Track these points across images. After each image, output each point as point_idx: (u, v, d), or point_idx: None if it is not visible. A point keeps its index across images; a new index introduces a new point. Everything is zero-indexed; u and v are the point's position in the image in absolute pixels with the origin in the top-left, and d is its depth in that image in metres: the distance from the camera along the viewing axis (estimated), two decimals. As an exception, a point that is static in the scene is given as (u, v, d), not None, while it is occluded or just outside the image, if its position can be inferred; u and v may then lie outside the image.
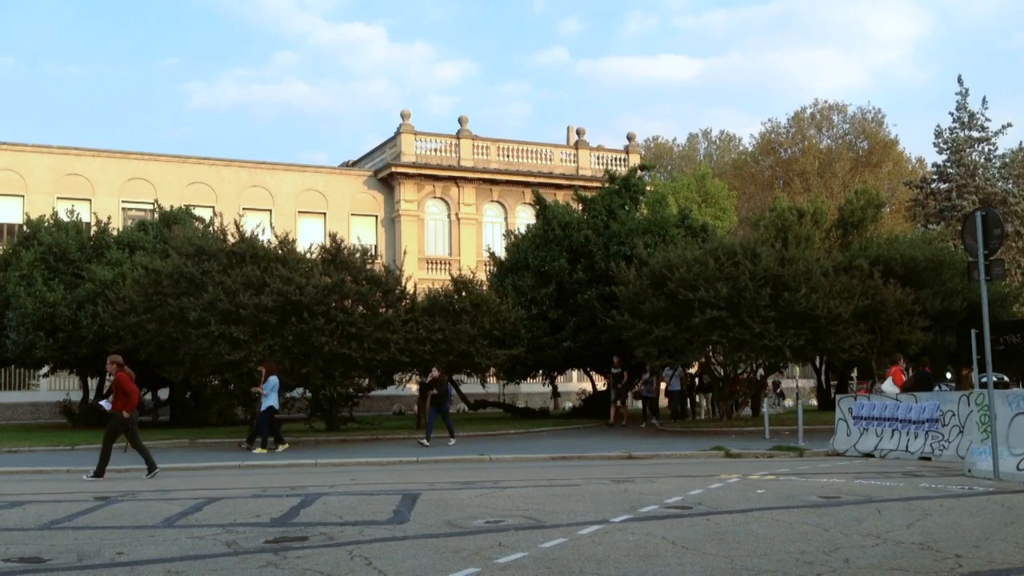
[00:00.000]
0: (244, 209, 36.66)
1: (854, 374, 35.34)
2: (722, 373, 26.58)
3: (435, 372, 21.95)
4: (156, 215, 30.60)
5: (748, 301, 22.60)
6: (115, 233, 28.53)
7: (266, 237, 24.64)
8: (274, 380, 19.84)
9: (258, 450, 19.25)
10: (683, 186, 54.64)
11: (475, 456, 18.18)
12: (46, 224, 27.64)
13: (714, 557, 7.48)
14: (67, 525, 9.46)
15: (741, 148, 72.65)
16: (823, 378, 33.62)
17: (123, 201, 37.74)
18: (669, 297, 23.18)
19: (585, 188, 36.18)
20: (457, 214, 42.69)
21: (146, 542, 8.41)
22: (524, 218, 40.49)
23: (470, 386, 30.39)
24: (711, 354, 25.77)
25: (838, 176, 63.88)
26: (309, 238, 32.29)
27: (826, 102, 68.33)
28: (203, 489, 12.61)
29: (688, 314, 22.80)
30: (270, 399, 19.67)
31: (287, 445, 19.58)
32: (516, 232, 31.90)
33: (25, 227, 29.00)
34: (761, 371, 27.13)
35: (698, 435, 22.83)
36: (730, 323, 22.60)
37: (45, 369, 28.04)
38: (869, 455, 17.08)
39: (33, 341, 23.62)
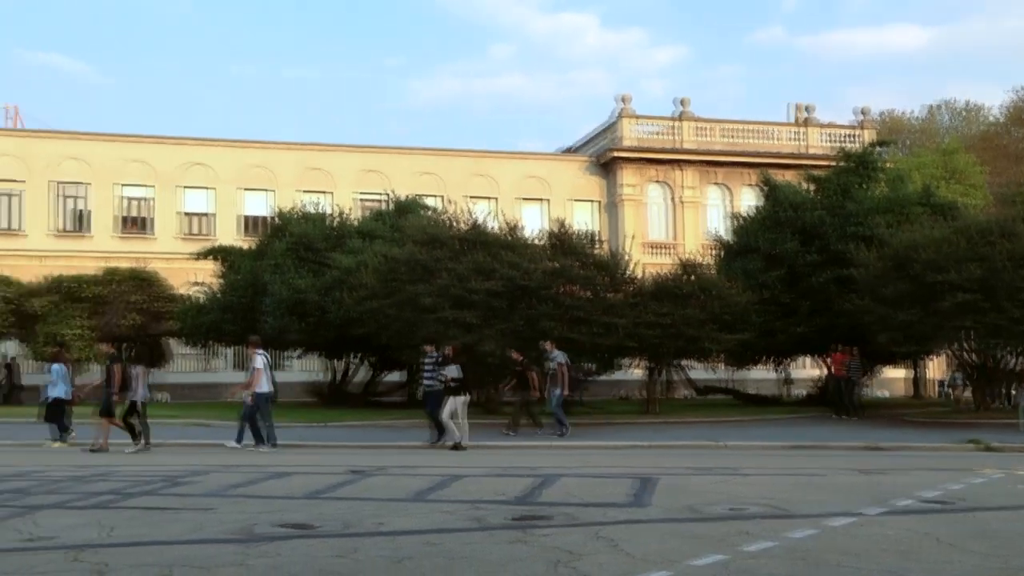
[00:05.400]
0: (469, 197, 37.80)
1: None
2: (977, 362, 24.67)
3: (514, 355, 19.99)
4: (390, 205, 32.10)
5: (1005, 284, 20.82)
6: (354, 223, 30.18)
7: (492, 224, 25.27)
8: (59, 368, 18.16)
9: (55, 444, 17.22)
10: (927, 162, 51.06)
11: (708, 442, 17.86)
12: (295, 216, 29.66)
13: (984, 556, 6.95)
14: (329, 496, 10.12)
15: (990, 119, 66.95)
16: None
17: (360, 192, 39.81)
18: (913, 279, 21.76)
19: (815, 167, 34.60)
20: (680, 198, 42.09)
21: (401, 514, 8.85)
22: (748, 200, 39.30)
23: (698, 371, 29.93)
24: (963, 340, 23.97)
25: (1105, 145, 57.58)
26: (531, 224, 32.81)
27: (1090, 63, 61.72)
28: (446, 467, 13.13)
29: (935, 298, 21.31)
30: (56, 388, 17.74)
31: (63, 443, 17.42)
32: (743, 214, 31.00)
33: (276, 219, 31.26)
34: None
35: (947, 427, 21.34)
36: (984, 307, 20.91)
37: (298, 352, 30.16)
38: None
39: (287, 325, 25.45)
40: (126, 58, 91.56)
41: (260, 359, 16.77)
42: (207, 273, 34.41)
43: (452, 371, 16.87)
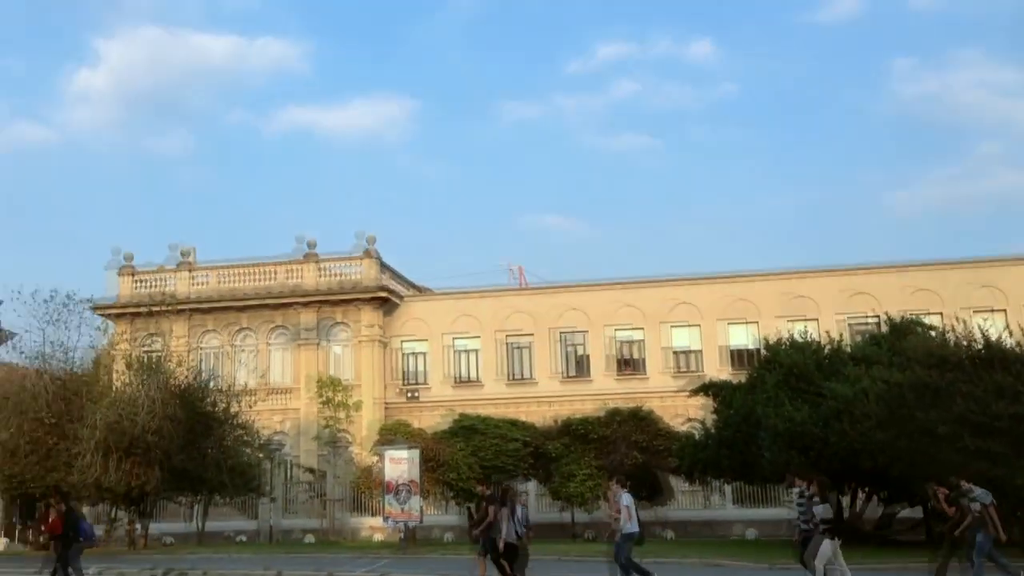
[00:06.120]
0: (972, 311, 34.55)
1: None
2: None
3: (936, 489, 16.69)
4: (884, 327, 30.34)
5: None
6: (847, 349, 28.86)
7: (1007, 339, 22.64)
8: (626, 498, 16.38)
9: None
10: None
11: None
12: (784, 347, 29.16)
13: None
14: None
15: None
16: None
17: (846, 315, 38.27)
18: None
19: None
20: None
21: None
22: None
23: None
24: None
25: None
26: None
27: None
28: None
29: None
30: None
31: None
32: None
33: (764, 351, 31.01)
34: None
35: None
36: None
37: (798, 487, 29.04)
38: None
39: (787, 459, 24.69)
40: (609, 209, 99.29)
41: (626, 498, 16.27)
42: (695, 408, 35.10)
43: (820, 511, 14.86)
